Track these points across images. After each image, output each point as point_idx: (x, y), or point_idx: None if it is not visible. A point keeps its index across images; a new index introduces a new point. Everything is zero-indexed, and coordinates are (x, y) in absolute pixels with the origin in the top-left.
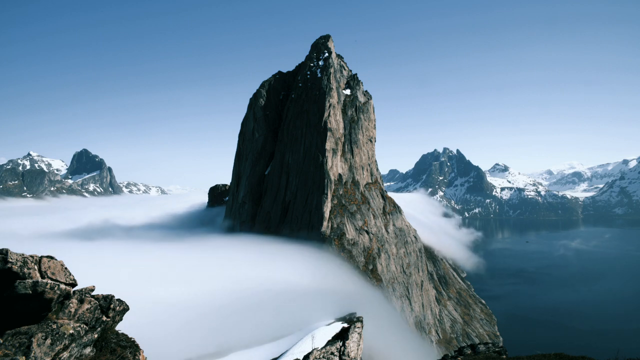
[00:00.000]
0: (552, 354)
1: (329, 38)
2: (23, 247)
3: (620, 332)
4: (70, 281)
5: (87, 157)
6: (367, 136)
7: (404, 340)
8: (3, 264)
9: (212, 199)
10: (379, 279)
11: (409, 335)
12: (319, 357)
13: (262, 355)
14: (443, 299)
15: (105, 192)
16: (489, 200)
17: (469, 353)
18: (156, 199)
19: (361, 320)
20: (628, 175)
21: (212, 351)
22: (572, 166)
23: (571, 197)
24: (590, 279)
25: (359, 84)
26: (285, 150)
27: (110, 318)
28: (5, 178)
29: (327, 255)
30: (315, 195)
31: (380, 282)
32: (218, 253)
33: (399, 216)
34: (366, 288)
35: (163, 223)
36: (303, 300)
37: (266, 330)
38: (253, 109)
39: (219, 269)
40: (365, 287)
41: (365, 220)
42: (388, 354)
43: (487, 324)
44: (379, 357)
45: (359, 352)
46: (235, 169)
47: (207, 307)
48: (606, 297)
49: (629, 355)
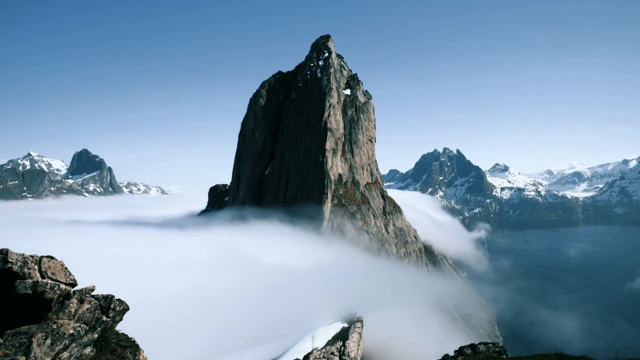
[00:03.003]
0: (552, 354)
1: (329, 38)
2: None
3: (620, 332)
4: (70, 281)
5: (87, 157)
6: (367, 136)
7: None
8: (3, 264)
9: (212, 199)
10: None
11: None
12: (319, 357)
13: (262, 355)
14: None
15: (106, 192)
16: (489, 200)
17: (469, 353)
18: (174, 198)
19: (361, 320)
20: (628, 175)
21: (212, 351)
22: (572, 166)
23: (571, 197)
24: (590, 278)
25: (359, 84)
26: (285, 150)
27: (110, 318)
28: (5, 178)
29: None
30: (315, 195)
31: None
32: (221, 247)
33: (399, 216)
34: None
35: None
36: (303, 299)
37: (266, 330)
38: (253, 109)
39: (219, 267)
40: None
41: (365, 220)
42: (388, 354)
43: (487, 324)
44: (379, 357)
45: (359, 352)
46: (235, 169)
47: (207, 307)
48: (606, 297)
49: (629, 355)
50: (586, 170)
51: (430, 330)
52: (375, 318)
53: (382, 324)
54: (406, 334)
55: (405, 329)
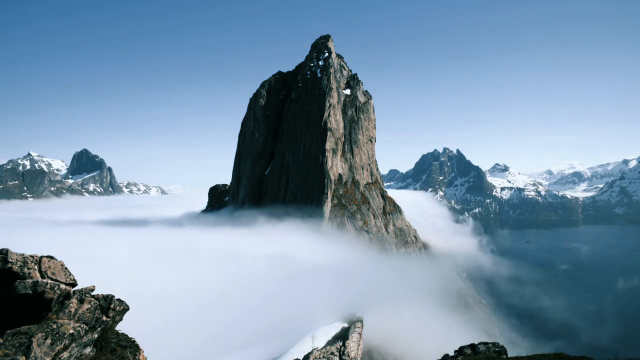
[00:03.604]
0: (552, 354)
1: (329, 38)
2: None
3: (620, 332)
4: (70, 281)
5: (87, 157)
6: (367, 136)
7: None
8: (3, 264)
9: (212, 199)
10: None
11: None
12: (319, 357)
13: (262, 355)
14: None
15: (106, 192)
16: (489, 200)
17: (469, 353)
18: (174, 198)
19: (361, 320)
20: (628, 175)
21: (212, 351)
22: (572, 166)
23: (571, 197)
24: (590, 278)
25: (359, 84)
26: (285, 150)
27: (110, 318)
28: (5, 178)
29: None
30: (315, 195)
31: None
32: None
33: (399, 216)
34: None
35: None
36: (303, 299)
37: (266, 330)
38: (253, 109)
39: (218, 266)
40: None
41: (365, 220)
42: (388, 354)
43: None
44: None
45: (359, 352)
46: (235, 169)
47: (207, 307)
48: (606, 297)
49: (629, 355)
50: (586, 170)
51: (430, 330)
52: (375, 318)
53: (382, 324)
54: (406, 334)
55: (405, 328)
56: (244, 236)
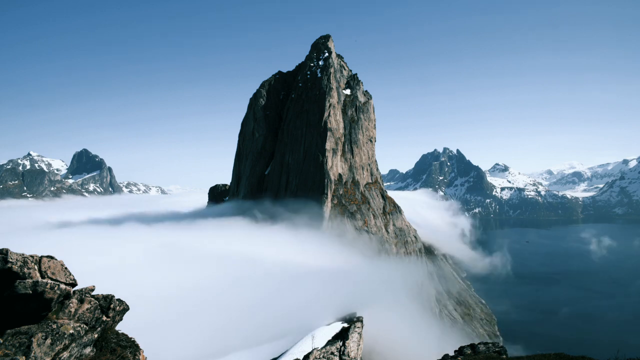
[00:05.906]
0: (552, 354)
1: (329, 38)
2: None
3: (620, 333)
4: (70, 281)
5: (87, 157)
6: (367, 136)
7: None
8: (3, 263)
9: (212, 198)
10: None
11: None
12: (319, 357)
13: (262, 355)
14: (443, 298)
15: (106, 192)
16: (489, 200)
17: (469, 353)
18: (174, 197)
19: (361, 320)
20: (628, 175)
21: (212, 351)
22: (572, 166)
23: (571, 197)
24: (590, 278)
25: (359, 84)
26: (285, 150)
27: (110, 318)
28: (5, 178)
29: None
30: (316, 195)
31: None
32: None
33: (399, 216)
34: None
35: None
36: (303, 299)
37: (266, 330)
38: (253, 109)
39: (218, 266)
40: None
41: (365, 220)
42: (388, 354)
43: (487, 324)
44: (379, 357)
45: (359, 352)
46: (235, 169)
47: (206, 307)
48: (607, 296)
49: (629, 355)
50: (586, 170)
51: (431, 330)
52: (375, 318)
53: (382, 324)
54: (406, 334)
55: (406, 328)
56: (244, 236)
